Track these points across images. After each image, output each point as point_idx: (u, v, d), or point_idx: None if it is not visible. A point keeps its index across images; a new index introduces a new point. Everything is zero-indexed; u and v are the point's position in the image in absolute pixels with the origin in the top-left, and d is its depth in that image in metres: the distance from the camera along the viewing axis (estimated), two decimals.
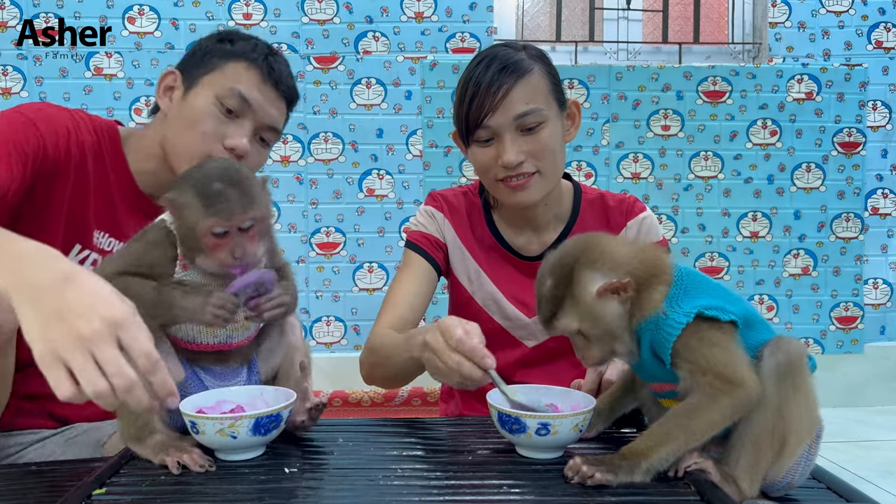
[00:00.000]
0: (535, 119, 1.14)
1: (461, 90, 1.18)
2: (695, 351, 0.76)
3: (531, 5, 3.17)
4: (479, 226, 1.29)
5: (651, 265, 0.80)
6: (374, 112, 2.91)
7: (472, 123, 1.15)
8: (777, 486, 0.79)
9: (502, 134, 1.14)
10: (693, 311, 0.76)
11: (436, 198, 1.32)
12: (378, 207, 2.93)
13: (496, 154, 1.15)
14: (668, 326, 0.77)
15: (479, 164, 1.19)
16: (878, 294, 3.09)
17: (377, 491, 0.76)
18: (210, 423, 0.81)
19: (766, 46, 3.02)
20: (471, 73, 1.16)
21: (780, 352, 0.77)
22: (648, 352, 0.80)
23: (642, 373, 0.86)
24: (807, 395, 0.78)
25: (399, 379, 1.19)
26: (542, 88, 1.16)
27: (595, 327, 0.80)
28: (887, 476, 2.29)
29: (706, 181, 3.00)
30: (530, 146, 1.15)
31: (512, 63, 1.14)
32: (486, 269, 1.27)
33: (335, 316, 2.96)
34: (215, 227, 0.85)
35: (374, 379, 1.22)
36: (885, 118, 3.04)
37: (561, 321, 0.81)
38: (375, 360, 1.18)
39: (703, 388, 0.75)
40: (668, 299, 0.78)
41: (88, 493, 0.74)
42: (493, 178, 1.18)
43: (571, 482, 0.75)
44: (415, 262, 1.27)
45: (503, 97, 1.12)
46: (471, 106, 1.15)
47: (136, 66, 2.81)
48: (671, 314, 0.77)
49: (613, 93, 2.95)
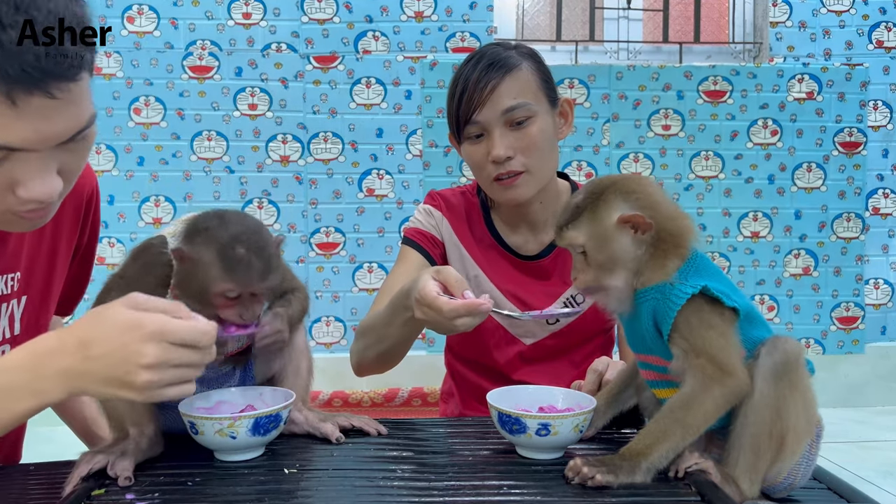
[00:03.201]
0: (523, 113, 1.14)
1: (452, 88, 1.20)
2: (693, 329, 0.77)
3: (531, 5, 3.17)
4: (478, 225, 1.29)
5: (677, 233, 0.80)
6: (373, 112, 2.91)
7: (461, 119, 1.17)
8: (779, 487, 0.79)
9: (491, 129, 1.15)
10: (699, 286, 0.76)
11: (434, 197, 1.33)
12: (378, 207, 2.93)
13: (486, 150, 1.16)
14: (673, 296, 0.77)
15: (473, 162, 1.20)
16: (878, 294, 3.09)
17: (377, 491, 0.76)
18: (209, 423, 0.81)
19: (766, 46, 3.02)
20: (460, 72, 1.18)
21: (777, 351, 0.77)
22: (650, 320, 0.80)
23: (639, 342, 0.85)
24: (804, 394, 0.78)
25: (393, 353, 1.16)
26: (531, 84, 1.16)
27: (600, 250, 0.80)
28: (888, 476, 2.29)
29: (707, 181, 3.00)
30: (519, 141, 1.15)
31: (500, 59, 1.16)
32: (484, 268, 1.27)
33: (335, 316, 2.96)
34: (230, 293, 0.83)
35: (367, 362, 1.19)
36: (885, 118, 3.03)
37: (571, 231, 0.81)
38: (367, 342, 1.17)
39: (694, 373, 0.76)
40: (679, 272, 0.79)
41: (88, 493, 0.74)
42: (486, 176, 1.18)
43: (572, 483, 0.75)
44: (410, 256, 1.27)
45: (491, 91, 1.14)
46: (460, 102, 1.16)
47: (136, 66, 2.81)
48: (678, 285, 0.77)
49: (614, 92, 2.95)
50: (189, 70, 2.83)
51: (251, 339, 0.89)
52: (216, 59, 2.84)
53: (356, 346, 1.21)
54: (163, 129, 2.85)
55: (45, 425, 1.22)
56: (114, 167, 2.85)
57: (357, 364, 1.22)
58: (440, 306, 0.90)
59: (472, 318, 0.91)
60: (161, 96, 2.83)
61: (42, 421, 0.86)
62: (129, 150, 2.85)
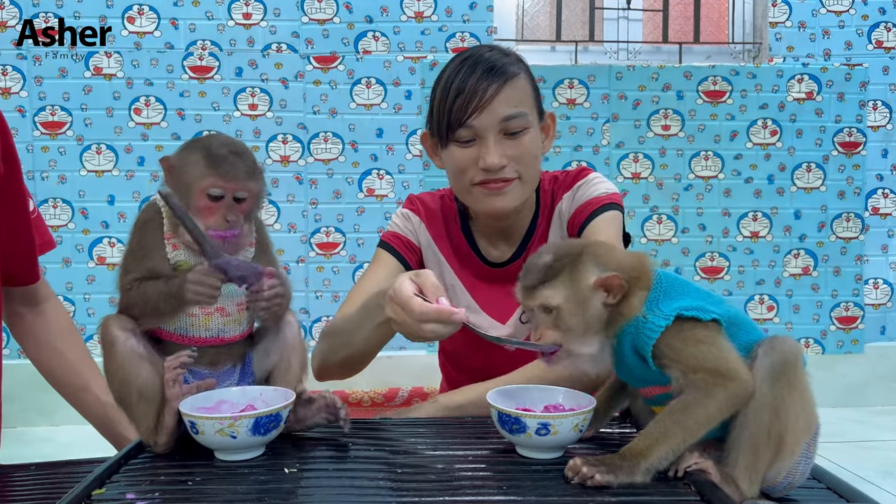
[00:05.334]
0: (519, 123, 1.12)
1: (443, 89, 1.15)
2: (681, 351, 0.76)
3: (531, 5, 3.17)
4: (455, 232, 1.27)
5: (637, 275, 0.80)
6: (373, 112, 2.91)
7: (454, 122, 1.13)
8: (778, 486, 0.79)
9: (486, 136, 1.12)
10: (672, 314, 0.76)
11: (413, 201, 1.31)
12: (378, 207, 2.93)
13: (476, 156, 1.13)
14: (647, 330, 0.77)
15: (457, 166, 1.15)
16: (878, 294, 3.09)
17: (377, 491, 0.76)
18: (209, 423, 0.81)
19: (766, 46, 3.02)
20: (454, 73, 1.14)
21: (775, 351, 0.77)
22: (633, 355, 0.80)
23: (631, 378, 0.86)
24: (803, 393, 0.78)
25: (358, 359, 1.13)
26: (527, 94, 1.15)
27: (573, 313, 0.79)
28: (887, 476, 2.29)
29: (706, 181, 3.00)
30: (513, 150, 1.13)
31: (500, 66, 1.13)
32: (461, 278, 1.25)
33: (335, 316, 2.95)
34: (213, 188, 0.87)
35: (330, 365, 1.16)
36: (885, 118, 3.04)
37: (545, 291, 0.80)
38: (333, 343, 1.14)
39: (696, 385, 0.75)
40: (647, 302, 0.79)
41: (88, 493, 0.74)
42: (468, 181, 1.15)
43: (571, 483, 0.75)
44: (384, 259, 1.25)
45: (491, 98, 1.11)
46: (455, 104, 1.12)
47: (136, 66, 2.81)
48: (651, 317, 0.77)
49: (613, 92, 2.95)
50: (189, 70, 2.83)
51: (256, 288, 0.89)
52: (216, 60, 2.84)
53: (320, 348, 1.17)
54: (163, 129, 2.85)
55: (45, 425, 1.21)
56: (114, 167, 2.85)
57: (319, 367, 1.18)
58: (413, 307, 0.88)
59: (442, 325, 0.88)
60: (161, 96, 2.83)
61: (42, 421, 0.86)
62: (130, 150, 2.85)
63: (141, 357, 0.87)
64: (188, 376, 0.91)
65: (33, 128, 2.80)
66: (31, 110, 2.80)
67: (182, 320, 0.90)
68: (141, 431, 0.87)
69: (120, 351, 0.86)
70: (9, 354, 2.20)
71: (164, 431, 0.86)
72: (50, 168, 2.82)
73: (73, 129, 2.82)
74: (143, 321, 0.89)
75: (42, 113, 2.81)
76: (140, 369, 0.86)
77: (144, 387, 0.86)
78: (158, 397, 0.86)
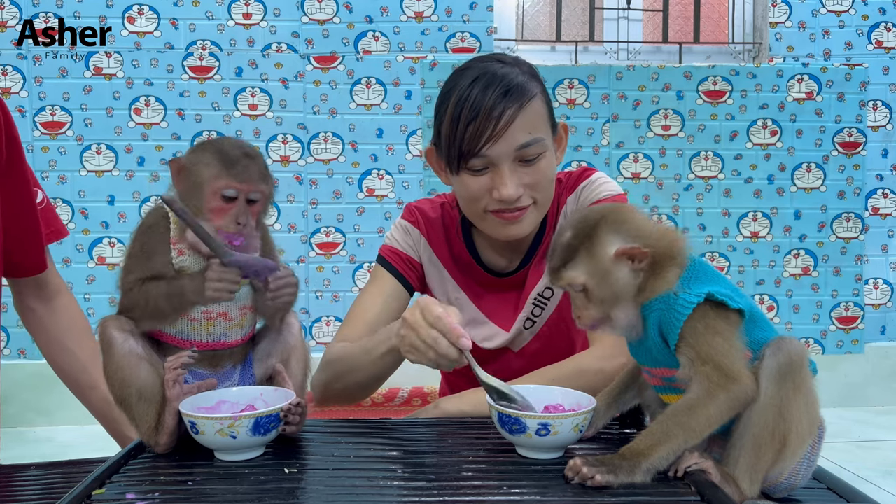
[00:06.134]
0: (536, 150, 1.07)
1: (454, 110, 1.06)
2: (699, 336, 0.76)
3: (531, 5, 3.17)
4: (457, 243, 1.24)
5: (669, 246, 0.81)
6: (373, 112, 2.91)
7: (466, 151, 1.06)
8: (780, 487, 0.79)
9: (500, 165, 1.06)
10: (704, 293, 0.76)
11: (412, 211, 1.26)
12: (378, 207, 2.93)
13: (490, 185, 1.07)
14: (679, 306, 0.77)
15: (469, 194, 1.10)
16: (878, 294, 3.09)
17: (377, 491, 0.76)
18: (210, 423, 0.81)
19: (766, 46, 3.02)
20: (466, 93, 1.06)
21: (782, 352, 0.77)
22: (656, 332, 0.80)
23: (646, 356, 0.85)
24: (807, 395, 0.78)
25: (363, 386, 1.12)
26: (542, 115, 1.09)
27: (601, 287, 0.80)
28: (888, 476, 2.29)
29: (706, 181, 3.00)
30: (529, 178, 1.08)
31: (515, 86, 1.05)
32: (464, 289, 1.23)
33: (335, 316, 2.96)
34: (227, 189, 0.87)
35: (332, 393, 1.15)
36: (885, 118, 3.04)
37: (570, 272, 0.81)
38: (335, 372, 1.12)
39: (700, 380, 0.76)
40: (680, 280, 0.79)
41: (88, 493, 0.74)
42: (482, 208, 1.10)
43: (571, 483, 0.75)
44: (383, 280, 1.23)
45: (506, 126, 1.04)
46: (467, 131, 1.04)
47: (136, 66, 2.81)
48: (682, 294, 0.77)
49: (613, 92, 2.95)
50: (189, 70, 2.83)
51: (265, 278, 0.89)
52: (216, 60, 2.84)
53: (320, 379, 1.15)
54: (163, 129, 2.85)
55: (45, 425, 1.22)
56: (114, 167, 2.85)
57: (322, 395, 1.16)
58: (432, 310, 0.89)
59: (445, 343, 0.88)
60: (161, 96, 2.83)
61: (42, 421, 0.86)
62: (130, 150, 2.85)
63: (140, 357, 0.87)
64: (188, 377, 0.91)
65: (33, 128, 2.80)
66: (31, 110, 2.80)
67: (183, 324, 0.89)
68: (141, 432, 0.87)
69: (118, 352, 0.86)
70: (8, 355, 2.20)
71: (165, 432, 0.86)
72: (50, 168, 2.82)
73: (73, 129, 2.82)
74: (144, 323, 0.89)
75: (42, 113, 2.81)
76: (139, 370, 0.86)
77: (144, 387, 0.86)
78: (158, 397, 0.86)
